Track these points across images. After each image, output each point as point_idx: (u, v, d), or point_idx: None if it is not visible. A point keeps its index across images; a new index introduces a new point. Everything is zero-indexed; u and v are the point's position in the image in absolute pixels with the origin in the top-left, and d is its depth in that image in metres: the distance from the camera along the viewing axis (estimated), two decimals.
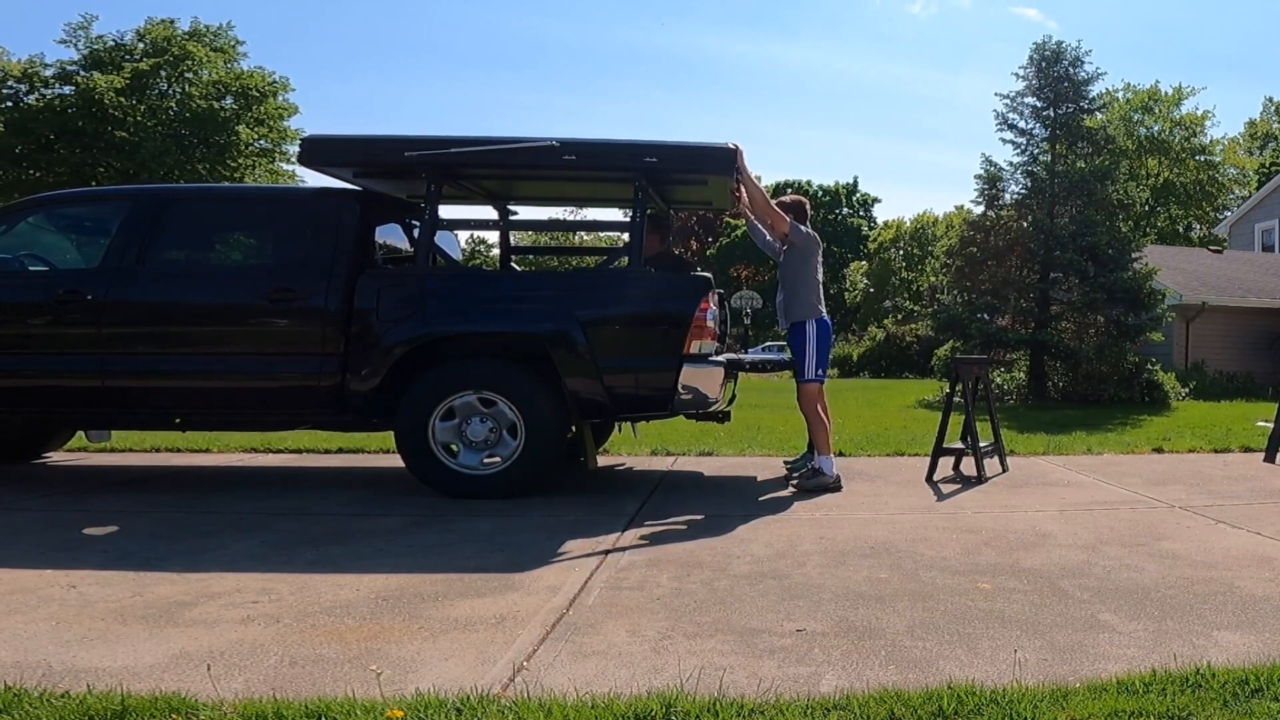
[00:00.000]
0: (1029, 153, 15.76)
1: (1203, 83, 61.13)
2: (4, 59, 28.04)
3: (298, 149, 5.56)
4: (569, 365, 4.92)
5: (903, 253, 49.06)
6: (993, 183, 15.76)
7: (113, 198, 6.11)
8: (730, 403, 6.04)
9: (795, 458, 6.31)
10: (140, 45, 29.80)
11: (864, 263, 51.44)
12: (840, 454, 6.50)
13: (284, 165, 31.84)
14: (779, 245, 5.83)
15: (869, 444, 7.45)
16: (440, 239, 5.72)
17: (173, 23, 30.33)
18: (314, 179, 5.56)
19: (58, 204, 5.99)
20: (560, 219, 21.95)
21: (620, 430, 6.79)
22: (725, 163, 5.17)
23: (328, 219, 5.20)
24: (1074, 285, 14.60)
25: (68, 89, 28.31)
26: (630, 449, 6.99)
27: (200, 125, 29.47)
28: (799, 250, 5.67)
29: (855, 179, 55.89)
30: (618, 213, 8.48)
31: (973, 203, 16.88)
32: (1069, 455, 7.13)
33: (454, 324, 5.03)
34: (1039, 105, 15.58)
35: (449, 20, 73.08)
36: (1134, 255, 14.75)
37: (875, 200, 56.59)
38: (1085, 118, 15.62)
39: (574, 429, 5.14)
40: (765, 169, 45.27)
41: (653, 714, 2.10)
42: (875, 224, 53.83)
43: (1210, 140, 41.67)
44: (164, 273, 5.23)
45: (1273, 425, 6.96)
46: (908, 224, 50.35)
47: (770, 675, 2.39)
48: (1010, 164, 15.80)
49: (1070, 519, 4.57)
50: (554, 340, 4.92)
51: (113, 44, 29.66)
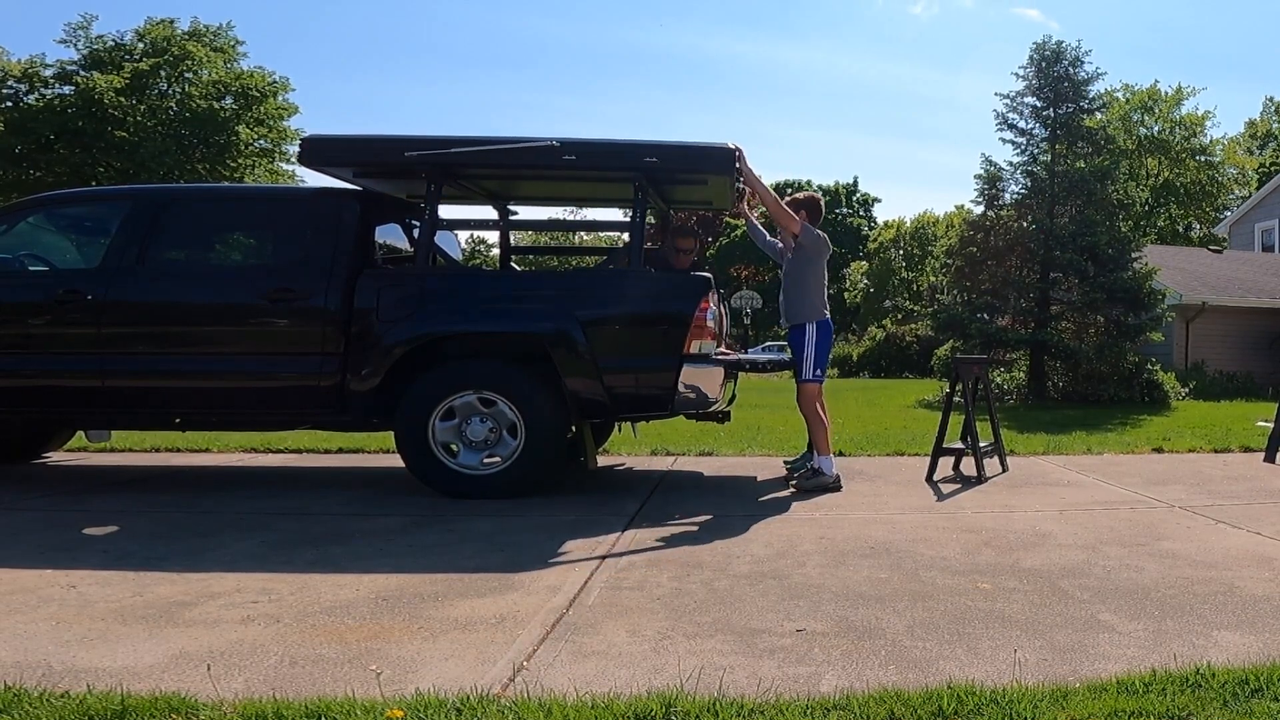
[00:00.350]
0: (1029, 153, 15.77)
1: (1203, 83, 61.29)
2: (4, 59, 28.05)
3: (298, 149, 5.56)
4: (569, 365, 4.92)
5: (903, 253, 49.07)
6: (993, 183, 15.77)
7: (113, 198, 6.12)
8: (730, 403, 6.05)
9: (795, 457, 6.31)
10: (140, 45, 29.79)
11: (864, 263, 51.45)
12: (840, 454, 6.50)
13: (284, 165, 31.83)
14: (787, 244, 5.76)
15: (869, 444, 7.45)
16: (440, 239, 5.72)
17: (173, 23, 30.34)
18: (314, 179, 5.56)
19: (58, 204, 6.00)
20: (560, 219, 21.93)
21: (620, 430, 6.79)
22: (725, 163, 5.16)
23: (328, 219, 5.20)
24: (1074, 285, 14.61)
25: (68, 89, 28.30)
26: (630, 449, 6.99)
27: (200, 125, 29.47)
28: (807, 251, 5.61)
29: (855, 179, 55.99)
30: (618, 213, 8.49)
31: (973, 203, 16.91)
32: (1069, 455, 7.13)
33: (454, 324, 5.03)
34: (1039, 105, 15.58)
35: (449, 20, 73.25)
36: (1134, 255, 14.75)
37: (875, 200, 56.70)
38: (1085, 118, 15.62)
39: (574, 429, 5.14)
40: (765, 169, 45.07)
41: (653, 714, 2.10)
42: (875, 224, 53.84)
43: (1210, 140, 41.69)
44: (164, 273, 5.24)
45: (1273, 425, 6.96)
46: (908, 224, 50.35)
47: (770, 675, 2.39)
48: (1010, 164, 15.83)
49: (1070, 519, 4.57)
50: (554, 340, 4.92)
51: (113, 44, 29.65)
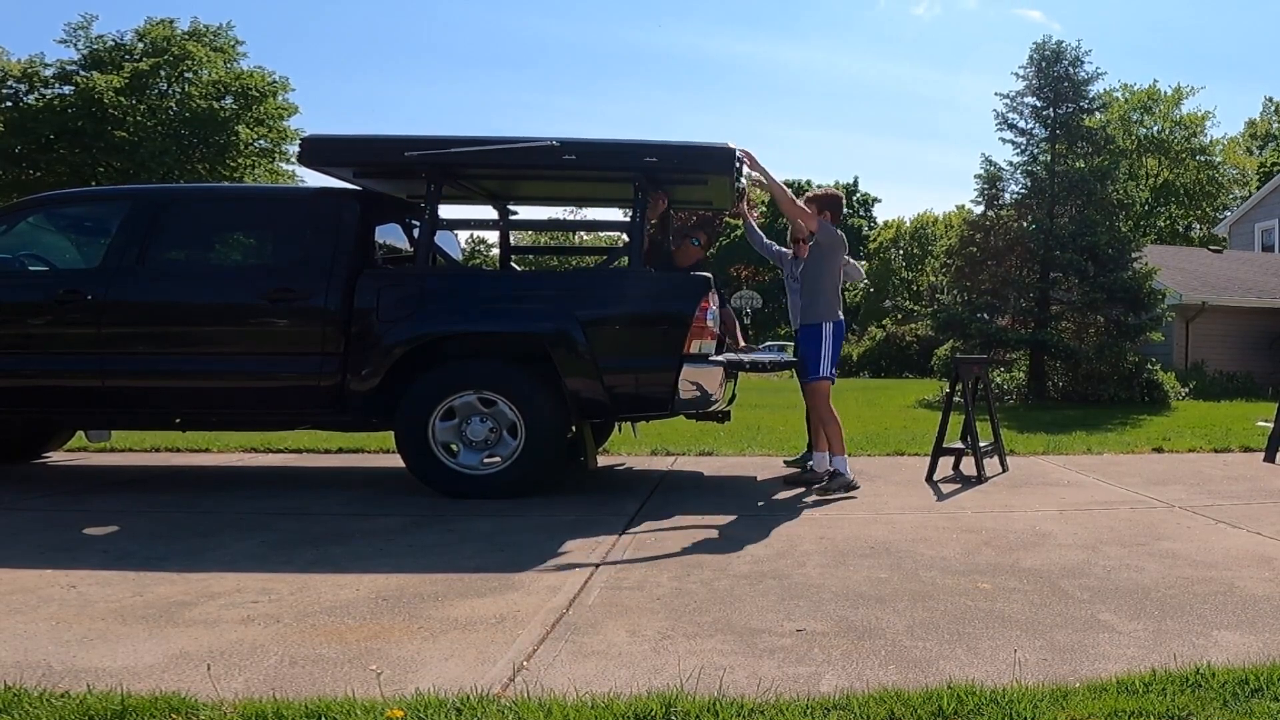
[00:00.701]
0: (1029, 153, 15.76)
1: (1203, 83, 61.19)
2: (4, 59, 28.03)
3: (298, 149, 5.56)
4: (569, 365, 4.92)
5: (903, 253, 49.03)
6: (993, 182, 15.76)
7: (112, 198, 6.12)
8: (730, 403, 6.05)
9: (795, 457, 6.31)
10: (140, 45, 29.78)
11: (864, 263, 51.40)
12: None
13: (284, 165, 31.82)
14: (801, 243, 5.60)
15: (869, 444, 7.45)
16: (440, 239, 5.72)
17: (172, 23, 30.32)
18: (314, 179, 5.56)
19: (58, 204, 6.00)
20: (560, 219, 21.93)
21: (620, 430, 6.79)
22: (725, 163, 5.17)
23: (328, 219, 5.20)
24: (1074, 285, 14.60)
25: (68, 89, 28.28)
26: (630, 449, 6.99)
27: (200, 125, 29.45)
28: (824, 249, 5.50)
29: (855, 179, 55.80)
30: (618, 213, 8.49)
31: (973, 202, 16.87)
32: (1069, 455, 7.13)
33: (454, 324, 5.03)
34: (1039, 105, 15.57)
35: (449, 20, 73.18)
36: (1134, 255, 14.73)
37: (875, 200, 56.55)
38: (1085, 117, 15.61)
39: (574, 429, 5.14)
40: (765, 169, 44.99)
41: (653, 714, 2.10)
42: (875, 224, 53.76)
43: (1210, 140, 41.68)
44: (164, 273, 5.24)
45: (1273, 425, 6.96)
46: (908, 224, 50.32)
47: (770, 675, 2.39)
48: (1010, 164, 15.81)
49: (1070, 519, 4.57)
50: (554, 340, 4.92)
51: (112, 44, 29.64)
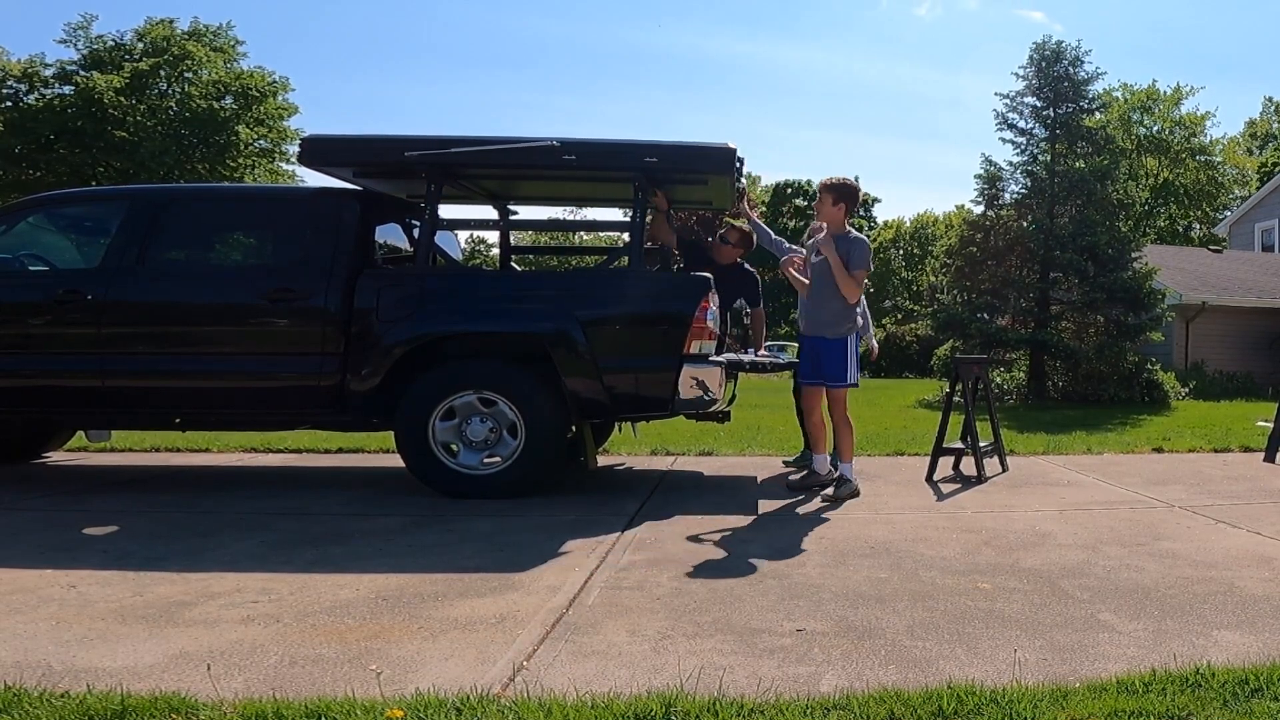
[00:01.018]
0: (1029, 152, 15.75)
1: (1203, 83, 61.13)
2: (4, 59, 28.03)
3: (298, 149, 5.56)
4: (569, 365, 4.92)
5: (903, 253, 49.02)
6: (993, 182, 15.75)
7: (112, 197, 6.12)
8: (730, 403, 6.04)
9: (794, 456, 6.31)
10: (140, 45, 29.76)
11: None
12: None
13: (284, 165, 31.81)
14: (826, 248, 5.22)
15: (869, 444, 7.45)
16: (440, 239, 5.72)
17: (172, 23, 30.31)
18: (314, 179, 5.56)
19: (57, 204, 6.00)
20: (560, 219, 21.93)
21: (620, 430, 6.79)
22: (725, 162, 5.17)
23: (328, 219, 5.20)
24: (1074, 285, 14.59)
25: (68, 89, 28.27)
26: (630, 449, 6.99)
27: (200, 125, 29.44)
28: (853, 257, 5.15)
29: (855, 179, 55.80)
30: (618, 213, 8.49)
31: (973, 202, 16.86)
32: (1069, 455, 7.13)
33: (454, 324, 5.03)
34: (1039, 105, 15.56)
35: (449, 20, 72.94)
36: (1134, 255, 14.73)
37: (875, 200, 56.50)
38: (1085, 117, 15.61)
39: (574, 429, 5.14)
40: (765, 169, 45.15)
41: (653, 714, 2.10)
42: (875, 224, 53.73)
43: (1210, 140, 41.67)
44: (164, 273, 5.23)
45: (1273, 425, 6.96)
46: (908, 224, 50.31)
47: (770, 675, 2.39)
48: (1010, 164, 15.81)
49: (1070, 519, 4.57)
50: (554, 340, 4.92)
51: (112, 44, 29.62)
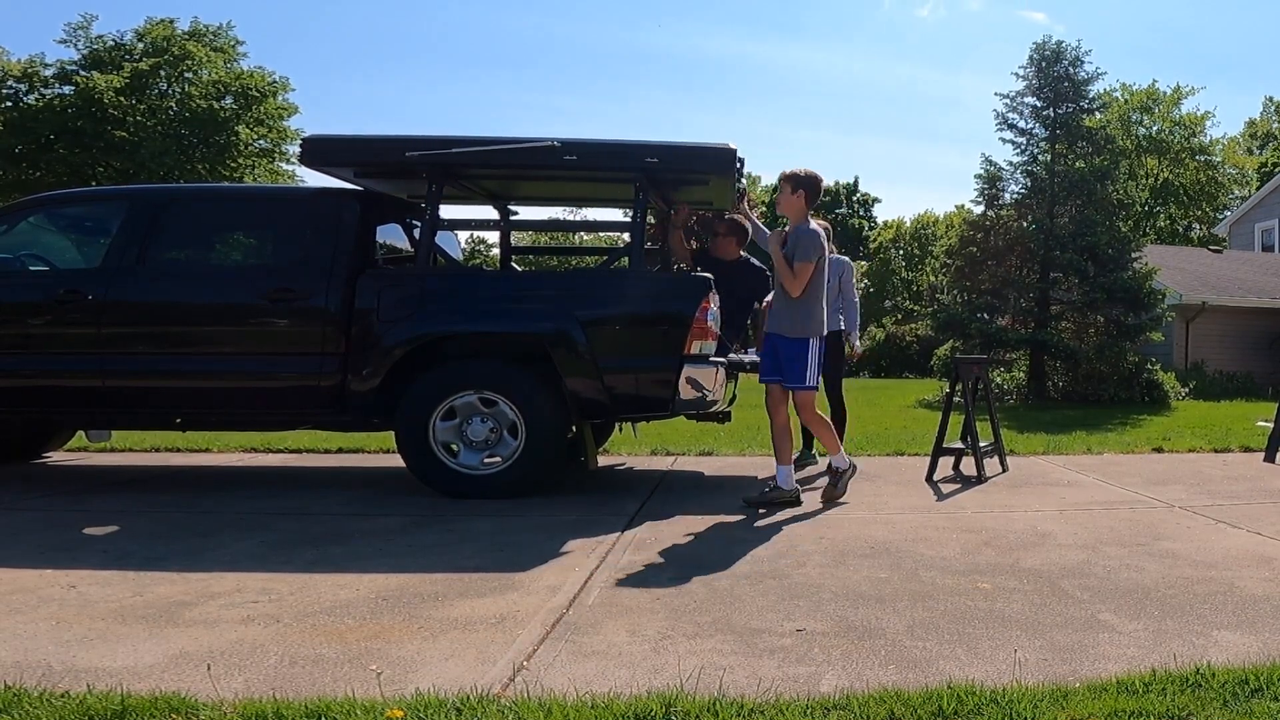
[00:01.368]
0: (1029, 152, 15.75)
1: (1202, 83, 61.04)
2: (4, 59, 28.02)
3: (298, 149, 5.57)
4: (569, 365, 4.92)
5: (903, 253, 49.00)
6: (993, 182, 15.76)
7: (112, 197, 6.13)
8: (730, 403, 6.05)
9: (794, 455, 6.30)
10: (140, 45, 29.73)
11: (864, 263, 51.43)
12: None
13: (284, 165, 31.79)
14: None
15: (869, 444, 7.45)
16: (440, 239, 5.72)
17: (172, 23, 30.27)
18: (314, 179, 5.56)
19: (57, 204, 6.00)
20: (560, 219, 21.92)
21: (620, 430, 6.79)
22: (725, 163, 5.16)
23: (328, 219, 5.20)
24: (1074, 285, 14.59)
25: (68, 89, 28.24)
26: (630, 449, 6.99)
27: (200, 125, 29.42)
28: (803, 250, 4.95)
29: (855, 179, 55.64)
30: (618, 213, 8.48)
31: (973, 202, 16.87)
32: (1069, 455, 7.13)
33: (454, 324, 5.03)
34: (1039, 105, 15.56)
35: (449, 20, 72.84)
36: (1134, 255, 14.73)
37: (875, 200, 56.45)
38: (1085, 117, 15.61)
39: (574, 429, 5.14)
40: (765, 169, 44.97)
41: (653, 714, 2.10)
42: (875, 224, 53.70)
43: (1210, 140, 41.64)
44: (164, 273, 5.24)
45: (1273, 425, 6.96)
46: (908, 224, 50.30)
47: (770, 675, 2.39)
48: (1010, 164, 15.81)
49: (1070, 519, 4.57)
50: (554, 340, 4.92)
51: (112, 44, 29.58)
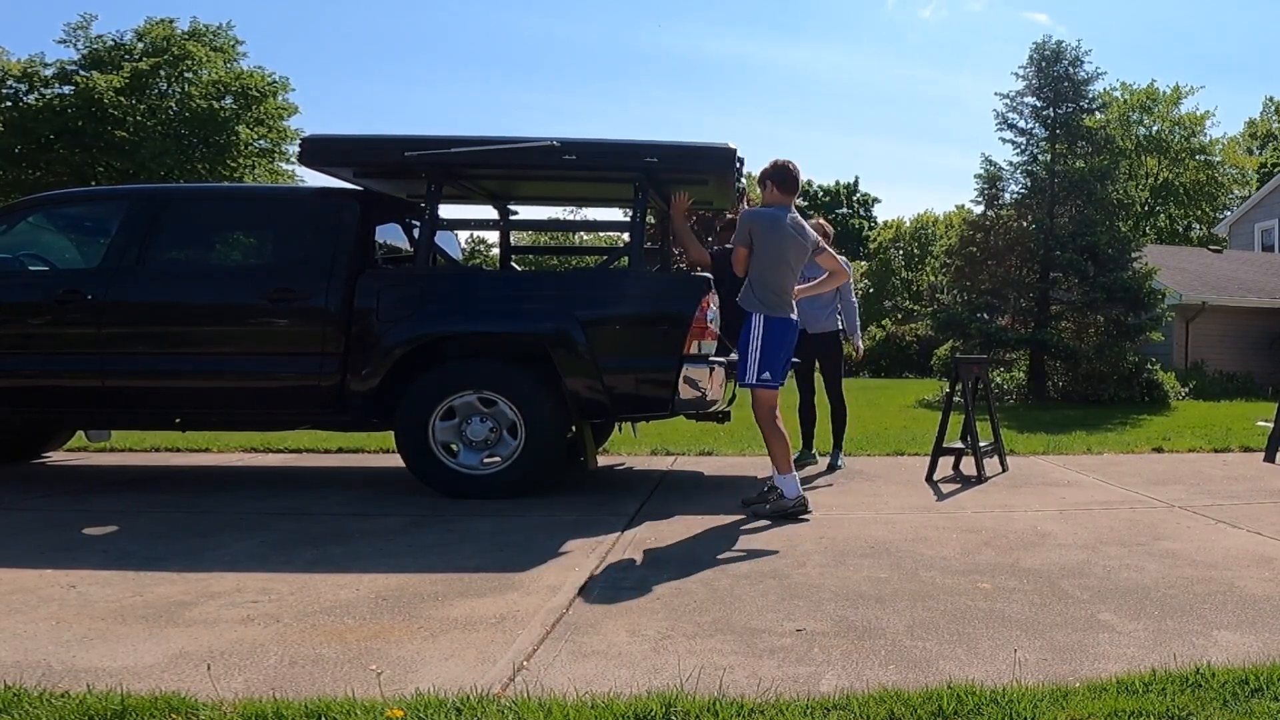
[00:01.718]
0: (1029, 152, 15.74)
1: (1202, 83, 61.00)
2: (4, 59, 28.01)
3: (298, 149, 5.56)
4: (569, 365, 4.92)
5: (903, 253, 48.99)
6: (992, 182, 15.75)
7: (112, 197, 6.12)
8: (730, 403, 6.05)
9: (794, 455, 6.30)
10: (140, 45, 29.73)
11: (864, 263, 51.40)
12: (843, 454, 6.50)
13: (284, 165, 31.77)
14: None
15: (869, 444, 7.45)
16: (440, 239, 5.72)
17: (172, 23, 30.26)
18: (314, 179, 5.56)
19: (57, 204, 6.00)
20: (560, 219, 21.92)
21: (620, 430, 6.79)
22: (725, 163, 5.17)
23: (328, 219, 5.20)
24: (1074, 285, 14.58)
25: (67, 89, 28.22)
26: (630, 449, 6.99)
27: (200, 125, 29.41)
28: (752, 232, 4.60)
29: (856, 179, 55.67)
30: (618, 213, 8.49)
31: (973, 202, 16.86)
32: (1069, 455, 7.13)
33: (454, 324, 5.03)
34: (1039, 105, 15.55)
35: (449, 20, 72.85)
36: (1134, 255, 14.72)
37: (875, 200, 56.45)
38: (1085, 117, 15.60)
39: (574, 429, 5.14)
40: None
41: (653, 714, 2.10)
42: (875, 224, 53.68)
43: (1210, 140, 41.62)
44: (164, 272, 5.24)
45: (1273, 425, 6.96)
46: (908, 224, 50.28)
47: (770, 675, 2.39)
48: (1010, 164, 15.80)
49: (1070, 519, 4.57)
50: (554, 340, 4.92)
51: (112, 44, 29.58)
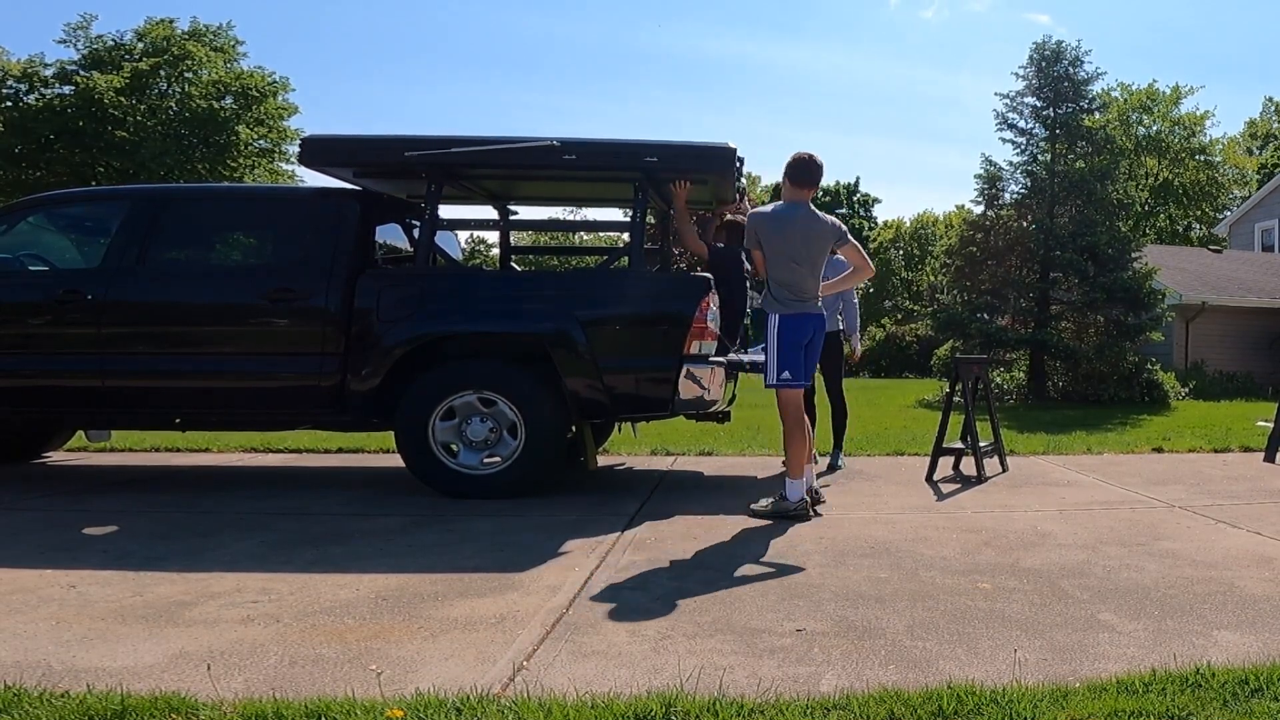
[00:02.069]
0: (1029, 152, 15.73)
1: (1202, 83, 60.99)
2: (4, 59, 28.01)
3: (298, 149, 5.56)
4: (569, 365, 4.92)
5: (903, 253, 48.99)
6: (993, 182, 15.75)
7: (112, 197, 6.12)
8: (730, 403, 6.05)
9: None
10: (140, 45, 29.72)
11: None
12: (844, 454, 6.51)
13: (284, 165, 31.77)
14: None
15: (869, 444, 7.45)
16: (440, 239, 5.72)
17: (172, 23, 30.26)
18: (314, 179, 5.56)
19: (57, 204, 6.00)
20: (560, 219, 21.93)
21: (620, 430, 6.79)
22: (725, 162, 5.17)
23: (328, 219, 5.20)
24: (1074, 285, 14.58)
25: (67, 89, 28.22)
26: (630, 449, 6.99)
27: (200, 125, 29.41)
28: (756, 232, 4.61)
29: (856, 179, 55.60)
30: (618, 213, 8.49)
31: (973, 202, 16.85)
32: (1069, 455, 7.13)
33: (454, 324, 5.03)
34: (1039, 105, 15.55)
35: (449, 20, 72.82)
36: (1134, 255, 14.71)
37: (875, 200, 56.43)
38: (1085, 117, 15.60)
39: (574, 429, 5.14)
40: (766, 169, 44.80)
41: (653, 714, 2.10)
42: (875, 224, 53.67)
43: (1210, 140, 41.61)
44: (164, 272, 5.24)
45: (1273, 425, 6.96)
46: (908, 224, 50.29)
47: (770, 675, 2.39)
48: (1010, 164, 15.79)
49: (1070, 519, 4.57)
50: (554, 340, 4.92)
51: (112, 44, 29.58)
